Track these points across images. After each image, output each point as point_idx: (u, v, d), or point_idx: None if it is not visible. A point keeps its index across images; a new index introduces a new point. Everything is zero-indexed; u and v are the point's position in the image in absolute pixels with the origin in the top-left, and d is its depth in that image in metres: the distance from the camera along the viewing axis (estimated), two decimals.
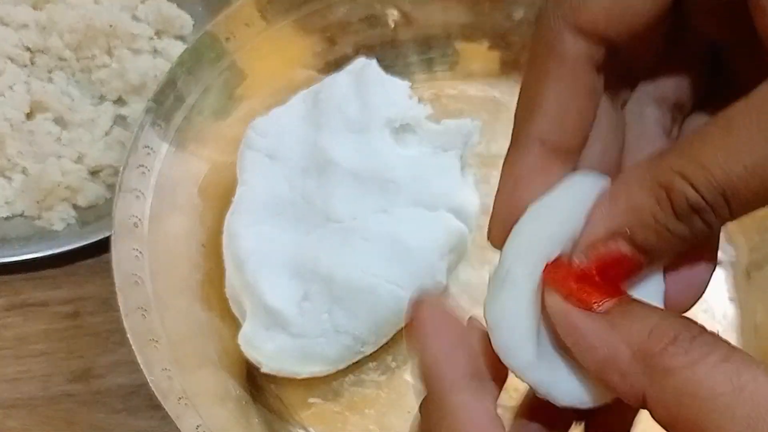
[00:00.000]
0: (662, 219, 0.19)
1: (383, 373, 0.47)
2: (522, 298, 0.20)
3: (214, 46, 0.51)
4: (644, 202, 0.19)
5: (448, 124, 0.51)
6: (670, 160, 0.19)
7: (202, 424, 0.39)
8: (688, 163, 0.18)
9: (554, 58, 0.21)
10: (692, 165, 0.18)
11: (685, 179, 0.18)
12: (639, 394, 0.17)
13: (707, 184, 0.18)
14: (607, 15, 0.20)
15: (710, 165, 0.18)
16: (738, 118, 0.18)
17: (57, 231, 0.53)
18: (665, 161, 0.19)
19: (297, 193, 0.47)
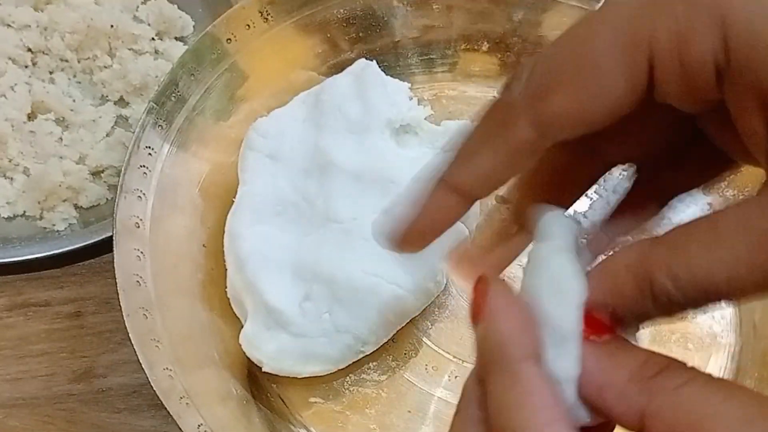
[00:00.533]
0: (642, 306, 0.20)
1: (384, 373, 0.47)
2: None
3: (215, 47, 0.51)
4: (629, 290, 0.20)
5: (448, 124, 0.51)
6: (658, 250, 0.20)
7: (204, 424, 0.40)
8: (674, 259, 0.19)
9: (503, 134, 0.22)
10: (678, 263, 0.19)
11: (669, 277, 0.19)
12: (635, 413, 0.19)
13: (688, 284, 0.19)
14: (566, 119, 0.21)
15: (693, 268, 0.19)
16: (725, 223, 0.19)
17: (59, 231, 0.53)
18: (653, 250, 0.20)
19: (298, 193, 0.48)
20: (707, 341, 0.48)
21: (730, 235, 0.19)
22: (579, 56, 0.20)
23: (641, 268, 0.20)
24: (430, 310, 0.48)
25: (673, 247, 0.20)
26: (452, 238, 0.46)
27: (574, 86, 0.20)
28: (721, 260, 0.19)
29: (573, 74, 0.20)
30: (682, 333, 0.48)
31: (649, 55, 0.19)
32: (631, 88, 0.20)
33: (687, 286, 0.19)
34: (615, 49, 0.20)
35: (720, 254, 0.19)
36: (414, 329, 0.48)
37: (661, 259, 0.20)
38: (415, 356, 0.47)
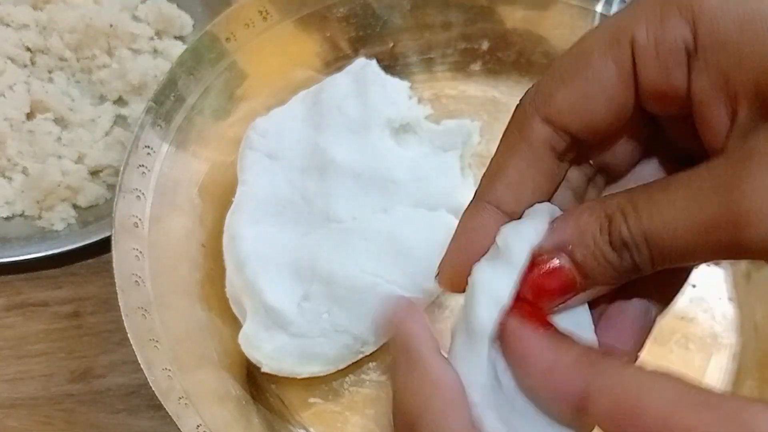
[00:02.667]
0: (599, 243, 0.22)
1: (383, 373, 0.47)
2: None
3: (214, 47, 0.51)
4: (589, 226, 0.22)
5: (448, 124, 0.51)
6: (618, 198, 0.22)
7: (203, 424, 0.39)
8: (628, 204, 0.22)
9: (523, 138, 0.24)
10: (630, 207, 0.22)
11: (623, 216, 0.22)
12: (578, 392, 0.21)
13: (635, 225, 0.22)
14: (570, 112, 0.23)
15: (641, 211, 0.22)
16: (674, 183, 0.21)
17: (57, 231, 0.53)
18: (615, 198, 0.22)
19: (297, 193, 0.47)
20: (708, 341, 0.48)
21: (677, 196, 0.21)
22: (575, 57, 0.23)
23: (602, 210, 0.22)
24: (430, 310, 0.48)
25: (630, 197, 0.22)
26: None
27: (573, 82, 0.23)
28: (662, 212, 0.21)
29: (571, 72, 0.23)
30: (683, 333, 0.48)
31: (630, 43, 0.22)
32: (621, 74, 0.23)
33: (637, 233, 0.21)
34: (603, 44, 0.23)
35: (665, 210, 0.21)
36: None
37: (620, 204, 0.22)
38: None
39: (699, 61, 0.22)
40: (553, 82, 0.24)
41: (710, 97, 0.22)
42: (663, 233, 0.21)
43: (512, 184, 0.24)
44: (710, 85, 0.22)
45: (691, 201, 0.21)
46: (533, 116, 0.24)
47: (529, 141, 0.24)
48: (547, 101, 0.24)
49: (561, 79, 0.24)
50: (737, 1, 0.21)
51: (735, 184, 0.20)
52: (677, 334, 0.48)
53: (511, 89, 0.57)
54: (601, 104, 0.23)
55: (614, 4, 0.55)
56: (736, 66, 0.21)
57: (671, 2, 0.22)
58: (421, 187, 0.47)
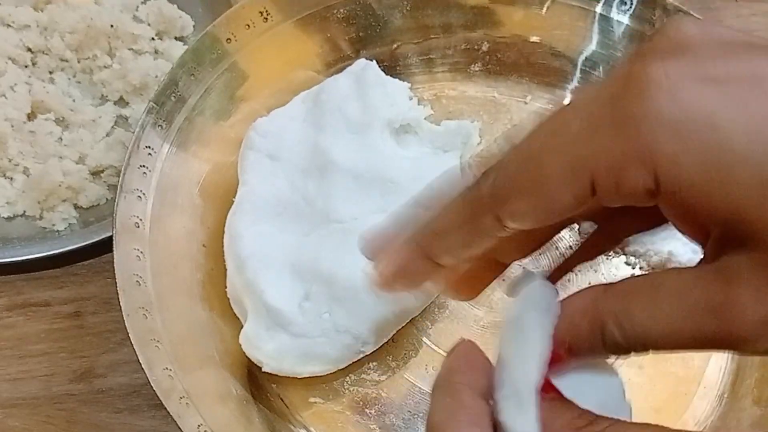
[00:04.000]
0: (594, 345, 0.24)
1: (384, 373, 0.47)
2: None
3: (215, 47, 0.51)
4: (582, 329, 0.24)
5: (448, 124, 0.51)
6: (609, 301, 0.24)
7: (204, 424, 0.40)
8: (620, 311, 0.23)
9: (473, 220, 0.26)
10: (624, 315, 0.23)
11: (616, 325, 0.23)
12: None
13: (631, 335, 0.23)
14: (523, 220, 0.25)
15: (635, 322, 0.23)
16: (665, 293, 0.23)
17: (58, 231, 0.53)
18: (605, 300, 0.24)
19: (298, 193, 0.48)
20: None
21: (668, 300, 0.23)
22: (533, 172, 0.24)
23: (594, 315, 0.24)
24: (430, 310, 0.48)
25: (621, 301, 0.24)
26: None
27: (529, 196, 0.24)
28: (658, 321, 0.23)
29: (528, 186, 0.24)
30: None
31: (591, 179, 0.23)
32: (577, 201, 0.24)
33: (630, 336, 0.23)
34: (561, 172, 0.23)
35: (657, 316, 0.23)
36: (414, 329, 0.48)
37: (611, 310, 0.24)
38: (415, 356, 0.47)
39: (663, 198, 0.22)
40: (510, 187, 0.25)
41: (680, 221, 0.23)
42: (659, 341, 0.23)
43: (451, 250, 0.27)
44: (678, 216, 0.23)
45: (685, 317, 0.22)
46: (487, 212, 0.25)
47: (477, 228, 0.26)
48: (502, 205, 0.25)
49: (517, 188, 0.25)
50: (700, 147, 0.21)
51: (728, 309, 0.22)
52: None
53: (511, 90, 0.57)
54: (555, 214, 0.24)
55: (614, 4, 0.55)
56: (702, 208, 0.22)
57: (631, 150, 0.22)
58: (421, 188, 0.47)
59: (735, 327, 0.22)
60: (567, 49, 0.56)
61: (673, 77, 0.21)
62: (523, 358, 0.25)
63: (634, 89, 0.22)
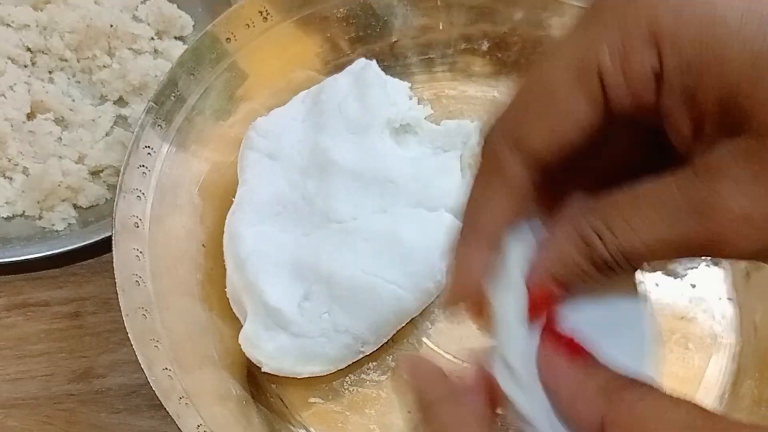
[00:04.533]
0: (581, 265, 0.24)
1: (383, 373, 0.47)
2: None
3: (214, 47, 0.51)
4: (568, 252, 0.24)
5: (448, 124, 0.51)
6: (591, 219, 0.24)
7: (203, 424, 0.40)
8: (603, 226, 0.23)
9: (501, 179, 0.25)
10: (605, 228, 0.23)
11: (601, 239, 0.23)
12: (597, 420, 0.22)
13: (615, 248, 0.23)
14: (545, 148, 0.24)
15: (618, 232, 0.23)
16: (645, 201, 0.23)
17: (58, 231, 0.53)
18: (587, 218, 0.24)
19: (297, 193, 0.47)
20: (708, 341, 0.48)
21: (649, 206, 0.23)
22: (542, 92, 0.24)
23: (578, 233, 0.24)
24: (430, 310, 0.48)
25: (603, 215, 0.23)
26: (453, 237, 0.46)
27: (545, 117, 0.24)
28: (641, 229, 0.23)
29: (541, 108, 0.24)
30: (683, 333, 0.48)
31: (598, 74, 0.23)
32: (591, 104, 0.23)
33: (615, 249, 0.23)
34: (570, 77, 0.23)
35: (640, 223, 0.23)
36: (414, 329, 0.48)
37: (594, 226, 0.23)
38: None
39: (665, 84, 0.22)
40: (522, 119, 0.24)
41: (677, 113, 0.23)
42: (642, 250, 0.23)
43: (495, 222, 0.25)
44: (677, 104, 0.23)
45: (667, 221, 0.22)
46: (508, 158, 0.24)
47: (506, 180, 0.25)
48: (519, 140, 0.24)
49: (530, 115, 0.24)
50: (697, 22, 0.21)
51: (707, 205, 0.22)
52: (677, 334, 0.48)
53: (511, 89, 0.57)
54: (576, 134, 0.24)
55: None
56: (699, 87, 0.22)
57: (632, 29, 0.22)
58: (421, 187, 0.47)
59: (717, 224, 0.21)
60: None
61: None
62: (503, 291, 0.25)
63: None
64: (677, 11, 0.21)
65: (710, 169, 0.22)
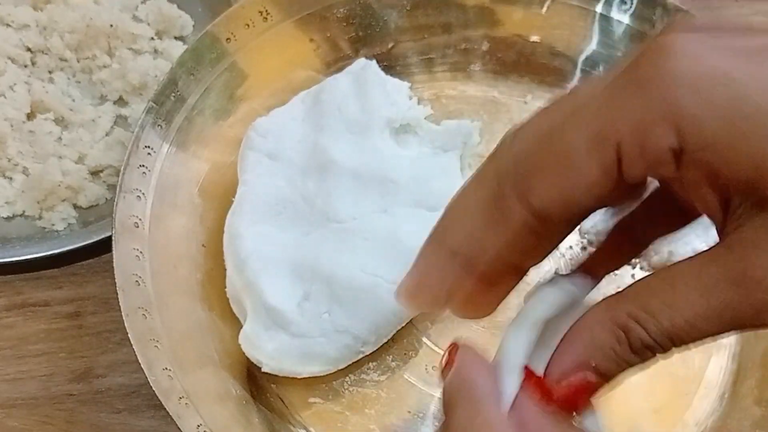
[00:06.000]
0: (621, 353, 0.24)
1: (383, 373, 0.47)
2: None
3: (214, 47, 0.51)
4: (606, 341, 0.24)
5: (448, 124, 0.51)
6: (626, 306, 0.24)
7: (203, 424, 0.40)
8: (641, 312, 0.23)
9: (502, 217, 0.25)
10: (645, 314, 0.23)
11: (639, 325, 0.23)
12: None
13: (657, 330, 0.23)
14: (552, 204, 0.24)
15: (659, 316, 0.23)
16: (680, 279, 0.23)
17: (58, 231, 0.53)
18: (621, 306, 0.24)
19: (297, 193, 0.47)
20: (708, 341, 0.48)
21: (685, 285, 0.23)
22: (556, 150, 0.24)
23: (614, 322, 0.24)
24: None
25: (638, 300, 0.24)
26: None
27: (554, 170, 0.24)
28: (680, 309, 0.23)
29: (553, 160, 0.24)
30: None
31: (616, 146, 0.23)
32: (604, 173, 0.23)
33: (656, 332, 0.23)
34: (586, 144, 0.23)
35: (679, 303, 0.23)
36: (414, 329, 0.48)
37: (630, 312, 0.23)
38: (415, 356, 0.47)
39: (687, 160, 0.22)
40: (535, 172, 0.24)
41: (701, 186, 0.23)
42: (686, 329, 0.23)
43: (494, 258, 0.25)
44: (700, 179, 0.23)
45: (706, 294, 0.22)
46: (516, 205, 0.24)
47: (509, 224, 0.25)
48: (528, 191, 0.24)
49: (542, 171, 0.24)
50: (721, 101, 0.21)
51: (746, 277, 0.22)
52: None
53: (511, 89, 0.57)
54: (585, 199, 0.24)
55: (614, 4, 0.55)
56: (725, 165, 0.22)
57: (654, 108, 0.22)
58: (421, 187, 0.47)
59: (758, 294, 0.22)
60: (567, 49, 0.56)
61: (691, 43, 0.22)
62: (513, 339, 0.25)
63: (654, 54, 0.22)
64: (700, 94, 0.21)
65: (744, 243, 0.22)
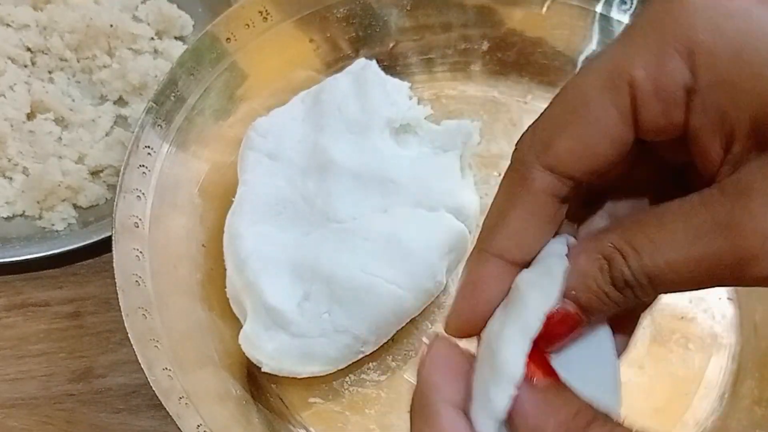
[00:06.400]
0: (602, 285, 0.23)
1: (383, 373, 0.47)
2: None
3: (214, 47, 0.51)
4: (588, 270, 0.23)
5: (448, 124, 0.51)
6: (612, 238, 0.23)
7: (203, 424, 0.40)
8: (625, 245, 0.22)
9: (524, 188, 0.24)
10: (629, 248, 0.22)
11: (623, 258, 0.22)
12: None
13: (637, 267, 0.22)
14: (572, 159, 0.23)
15: (641, 251, 0.22)
16: (670, 218, 0.22)
17: (58, 231, 0.53)
18: (609, 237, 0.23)
19: (297, 193, 0.47)
20: (708, 341, 0.48)
21: (673, 224, 0.22)
22: (573, 101, 0.23)
23: (600, 252, 0.23)
24: (430, 310, 0.48)
25: (626, 234, 0.23)
26: (453, 238, 0.46)
27: (573, 128, 0.23)
28: (664, 248, 0.22)
29: (570, 118, 0.23)
30: (683, 333, 0.48)
31: (630, 85, 0.22)
32: (620, 115, 0.23)
33: (636, 270, 0.22)
34: (601, 87, 0.23)
35: (664, 242, 0.22)
36: (414, 329, 0.48)
37: (617, 245, 0.23)
38: (415, 356, 0.47)
39: (697, 100, 0.22)
40: (552, 128, 0.24)
41: (707, 131, 0.22)
42: (666, 271, 0.22)
43: (515, 234, 0.24)
44: (707, 122, 0.22)
45: (692, 239, 0.21)
46: (533, 165, 0.24)
47: (531, 191, 0.24)
48: (547, 149, 0.23)
49: (559, 125, 0.23)
50: (735, 33, 0.21)
51: (735, 222, 0.21)
52: (677, 334, 0.48)
53: (511, 89, 0.57)
54: (604, 147, 0.23)
55: (614, 4, 0.55)
56: (732, 104, 0.21)
57: (668, 41, 0.22)
58: (421, 187, 0.47)
59: (745, 242, 0.21)
60: (567, 49, 0.56)
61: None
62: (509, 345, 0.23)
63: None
64: (715, 26, 0.21)
65: (739, 186, 0.21)
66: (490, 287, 0.25)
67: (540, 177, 0.24)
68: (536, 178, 0.24)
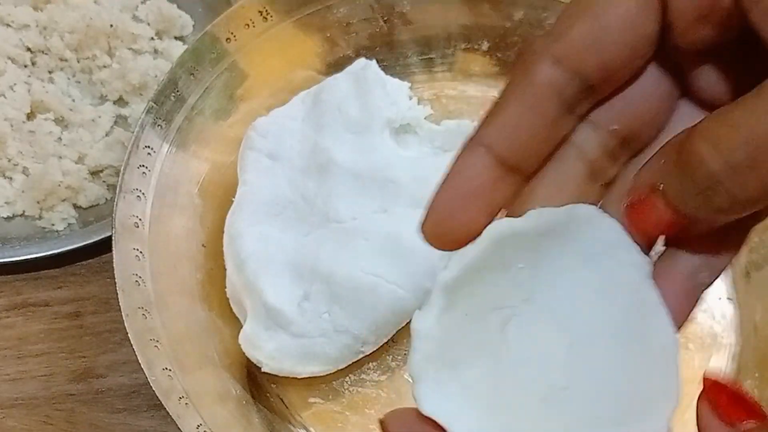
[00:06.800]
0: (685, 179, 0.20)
1: (383, 373, 0.47)
2: None
3: (214, 47, 0.51)
4: (672, 160, 0.20)
5: (448, 124, 0.51)
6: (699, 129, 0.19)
7: (203, 424, 0.40)
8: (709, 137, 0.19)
9: (526, 78, 0.21)
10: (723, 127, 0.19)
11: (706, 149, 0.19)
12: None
13: (735, 141, 0.18)
14: (584, 48, 0.21)
15: (739, 124, 0.18)
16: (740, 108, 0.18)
17: (58, 231, 0.53)
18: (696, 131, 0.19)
19: (297, 193, 0.47)
20: (708, 341, 0.48)
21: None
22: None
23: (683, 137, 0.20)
24: None
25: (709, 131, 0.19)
26: None
27: (589, 14, 0.20)
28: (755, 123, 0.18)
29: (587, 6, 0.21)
30: (683, 333, 0.48)
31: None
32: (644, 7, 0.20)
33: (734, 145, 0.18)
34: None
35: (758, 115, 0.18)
36: None
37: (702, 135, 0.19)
38: None
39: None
40: (567, 19, 0.21)
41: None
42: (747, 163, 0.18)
43: (507, 126, 0.21)
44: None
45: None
46: (542, 56, 0.21)
47: (532, 82, 0.21)
48: (558, 38, 0.21)
49: (575, 15, 0.21)
50: None
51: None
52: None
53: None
54: (620, 35, 0.20)
55: None
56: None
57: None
58: (421, 187, 0.47)
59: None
60: None
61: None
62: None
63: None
64: None
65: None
66: (471, 179, 0.22)
67: (545, 69, 0.21)
68: (540, 70, 0.21)
